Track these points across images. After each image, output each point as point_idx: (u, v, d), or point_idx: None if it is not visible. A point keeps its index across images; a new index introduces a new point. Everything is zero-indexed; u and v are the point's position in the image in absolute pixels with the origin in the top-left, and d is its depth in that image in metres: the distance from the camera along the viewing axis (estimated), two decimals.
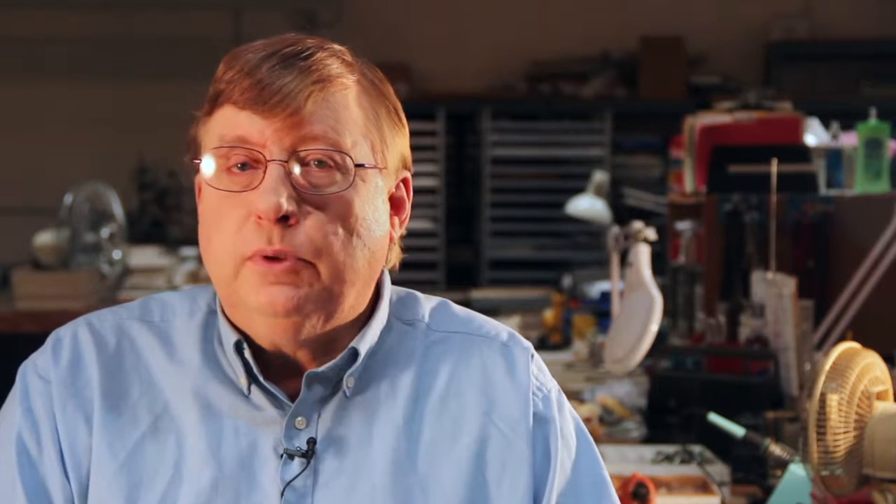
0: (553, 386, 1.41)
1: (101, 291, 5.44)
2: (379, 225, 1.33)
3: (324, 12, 7.38)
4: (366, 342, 1.34)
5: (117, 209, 5.70)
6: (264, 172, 1.28)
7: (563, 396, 1.42)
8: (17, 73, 7.62)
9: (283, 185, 1.27)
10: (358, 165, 1.31)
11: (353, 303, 1.32)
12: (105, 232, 5.59)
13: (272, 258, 1.27)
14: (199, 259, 5.88)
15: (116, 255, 5.63)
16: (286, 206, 1.26)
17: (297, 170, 1.28)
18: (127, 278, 5.68)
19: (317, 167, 1.29)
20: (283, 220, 1.27)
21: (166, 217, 7.16)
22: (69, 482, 1.31)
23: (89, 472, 1.31)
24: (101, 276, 5.50)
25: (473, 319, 1.42)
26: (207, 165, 1.30)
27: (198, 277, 5.69)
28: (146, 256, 5.84)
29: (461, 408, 1.35)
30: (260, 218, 1.27)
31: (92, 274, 5.40)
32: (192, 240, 6.19)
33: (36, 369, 1.35)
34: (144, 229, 6.94)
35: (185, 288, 1.47)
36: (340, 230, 1.29)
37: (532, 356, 1.40)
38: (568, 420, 1.40)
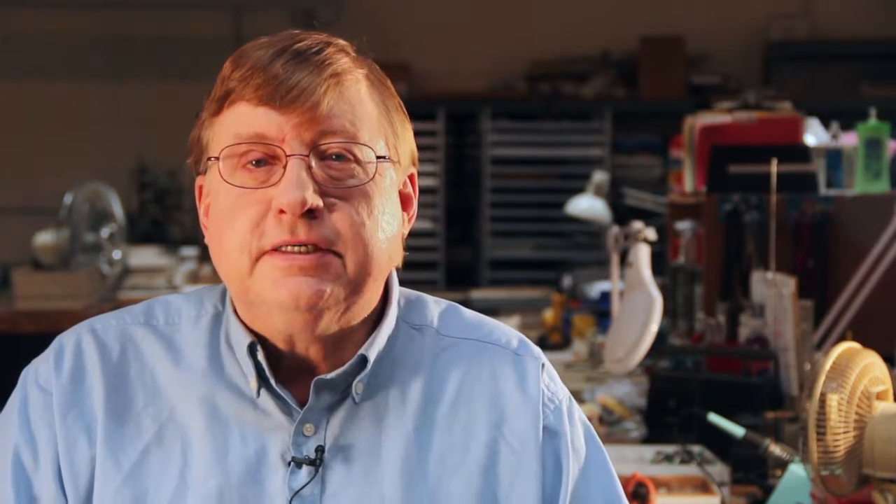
0: (564, 395, 1.38)
1: (101, 291, 5.45)
2: (395, 219, 1.32)
3: (324, 12, 7.38)
4: (375, 348, 1.31)
5: (117, 209, 5.70)
6: (284, 168, 1.26)
7: (574, 405, 1.39)
8: (17, 72, 7.62)
9: (306, 180, 1.25)
10: (380, 158, 1.29)
11: (369, 298, 1.31)
12: (105, 232, 5.60)
13: (295, 251, 1.24)
14: (199, 259, 5.89)
15: (116, 255, 5.63)
16: (311, 200, 1.24)
17: (316, 164, 1.26)
18: (127, 278, 5.68)
19: (335, 161, 1.27)
20: (308, 213, 1.25)
21: (166, 217, 7.16)
22: (64, 496, 1.29)
23: (90, 484, 1.29)
24: (101, 276, 5.51)
25: (483, 325, 1.40)
26: (224, 164, 1.28)
27: (198, 277, 5.69)
28: (146, 256, 5.85)
29: (471, 417, 1.33)
30: (282, 212, 1.24)
31: (92, 274, 5.40)
32: (192, 240, 6.20)
33: (37, 378, 1.33)
34: (144, 229, 6.95)
35: (191, 290, 1.42)
36: (366, 222, 1.27)
37: (543, 365, 1.38)
38: (578, 431, 1.38)
